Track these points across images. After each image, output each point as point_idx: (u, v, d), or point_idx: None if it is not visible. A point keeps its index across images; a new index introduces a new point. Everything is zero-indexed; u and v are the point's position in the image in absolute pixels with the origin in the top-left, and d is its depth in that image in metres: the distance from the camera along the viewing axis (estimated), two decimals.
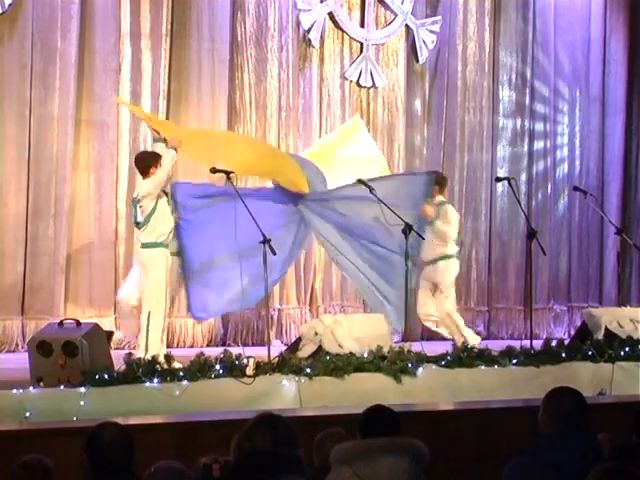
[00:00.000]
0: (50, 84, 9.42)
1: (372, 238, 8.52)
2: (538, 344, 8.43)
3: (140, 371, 6.55)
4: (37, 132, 9.38)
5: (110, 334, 7.81)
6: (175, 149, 7.70)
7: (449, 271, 9.01)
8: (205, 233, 8.08)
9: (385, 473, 4.08)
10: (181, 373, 6.68)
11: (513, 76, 11.95)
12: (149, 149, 9.63)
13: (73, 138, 9.49)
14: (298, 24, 10.67)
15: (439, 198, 9.03)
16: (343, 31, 10.99)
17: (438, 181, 9.07)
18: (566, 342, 8.53)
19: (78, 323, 6.86)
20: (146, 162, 7.79)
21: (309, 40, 10.70)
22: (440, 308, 8.99)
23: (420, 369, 7.36)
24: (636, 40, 12.68)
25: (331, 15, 10.89)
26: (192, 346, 9.65)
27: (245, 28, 10.38)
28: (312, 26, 10.67)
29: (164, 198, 7.73)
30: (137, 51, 9.88)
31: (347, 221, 8.54)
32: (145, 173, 7.74)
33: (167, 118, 9.93)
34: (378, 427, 4.27)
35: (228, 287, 8.10)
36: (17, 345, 9.19)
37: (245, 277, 7.72)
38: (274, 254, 7.44)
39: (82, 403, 6.22)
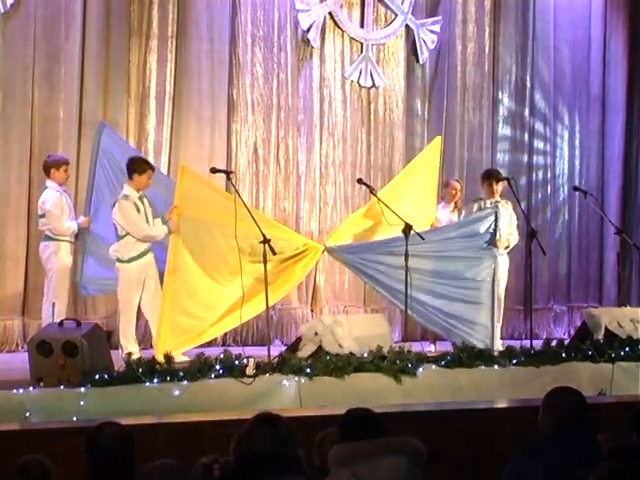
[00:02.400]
0: (54, 84, 9.42)
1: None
2: (538, 344, 8.43)
3: (140, 371, 6.56)
4: (40, 133, 9.38)
5: (110, 334, 7.83)
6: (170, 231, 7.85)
7: None
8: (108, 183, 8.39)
9: (383, 474, 4.08)
10: (181, 373, 6.68)
11: (513, 76, 11.94)
12: (150, 150, 9.67)
13: (77, 139, 9.49)
14: (297, 24, 10.66)
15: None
16: (343, 31, 10.99)
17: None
18: (566, 342, 8.52)
19: (78, 323, 6.87)
20: (130, 166, 8.00)
21: (308, 40, 10.70)
22: None
23: (420, 369, 7.36)
24: (636, 40, 12.66)
25: (330, 15, 10.89)
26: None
27: (244, 28, 10.38)
28: (311, 26, 10.67)
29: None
30: (143, 52, 9.87)
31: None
32: (130, 177, 7.99)
33: (172, 119, 9.93)
34: (360, 431, 4.22)
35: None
36: (17, 345, 9.20)
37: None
38: (274, 254, 7.46)
39: (82, 403, 6.23)
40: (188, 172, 8.00)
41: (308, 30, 10.66)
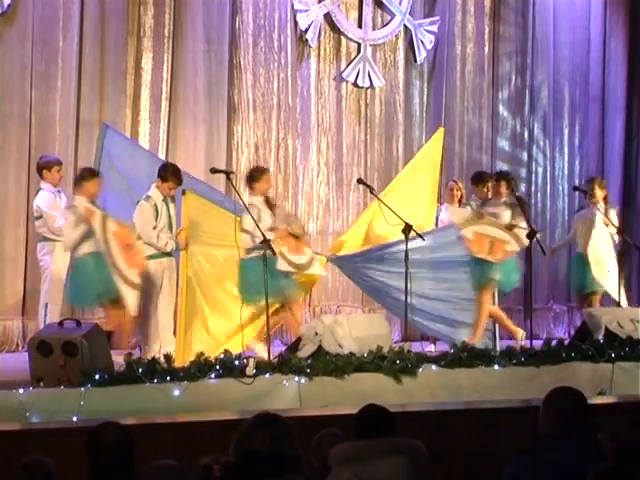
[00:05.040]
0: (52, 85, 9.42)
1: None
2: (538, 344, 8.43)
3: (140, 371, 6.56)
4: (38, 133, 9.38)
5: (110, 334, 7.82)
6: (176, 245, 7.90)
7: None
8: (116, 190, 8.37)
9: (384, 474, 4.09)
10: (181, 373, 6.68)
11: (512, 76, 11.94)
12: (147, 149, 9.66)
13: (74, 139, 9.49)
14: (296, 24, 10.67)
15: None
16: (340, 32, 10.99)
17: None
18: (566, 342, 8.52)
19: (78, 323, 6.86)
20: (160, 170, 7.99)
21: (306, 40, 10.70)
22: None
23: (420, 369, 7.36)
24: (636, 39, 12.66)
25: (328, 16, 10.88)
26: None
27: (245, 28, 10.39)
28: (309, 27, 10.67)
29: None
30: (139, 52, 9.88)
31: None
32: (157, 179, 7.97)
33: (169, 120, 9.94)
34: (373, 427, 4.26)
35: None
36: (17, 345, 9.20)
37: None
38: (274, 254, 7.47)
39: (82, 403, 6.22)
40: (192, 197, 7.98)
41: (306, 30, 10.67)
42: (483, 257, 8.57)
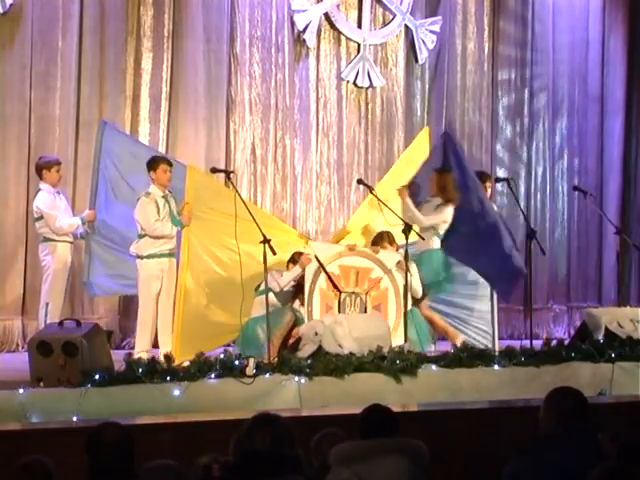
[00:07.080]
0: (51, 84, 9.42)
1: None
2: (538, 344, 8.43)
3: (140, 371, 6.55)
4: (38, 132, 9.38)
5: (110, 334, 7.81)
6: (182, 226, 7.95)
7: None
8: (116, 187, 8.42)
9: (385, 474, 4.09)
10: (181, 373, 6.68)
11: (512, 76, 11.95)
12: (146, 144, 9.65)
13: (74, 138, 9.49)
14: (294, 24, 10.67)
15: None
16: (339, 32, 10.98)
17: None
18: (566, 342, 8.53)
19: (78, 323, 6.85)
20: (147, 166, 8.00)
21: (304, 40, 10.69)
22: None
23: (420, 369, 7.36)
24: (635, 40, 12.68)
25: (327, 15, 10.88)
26: None
27: (242, 28, 10.39)
28: (307, 27, 10.67)
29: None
30: (139, 52, 9.89)
31: None
32: (150, 176, 7.99)
33: (168, 119, 9.94)
34: (377, 427, 4.28)
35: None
36: (17, 345, 9.20)
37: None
38: (274, 254, 7.47)
39: (82, 403, 6.22)
40: (196, 172, 8.02)
41: (304, 30, 10.67)
42: (351, 291, 8.32)
